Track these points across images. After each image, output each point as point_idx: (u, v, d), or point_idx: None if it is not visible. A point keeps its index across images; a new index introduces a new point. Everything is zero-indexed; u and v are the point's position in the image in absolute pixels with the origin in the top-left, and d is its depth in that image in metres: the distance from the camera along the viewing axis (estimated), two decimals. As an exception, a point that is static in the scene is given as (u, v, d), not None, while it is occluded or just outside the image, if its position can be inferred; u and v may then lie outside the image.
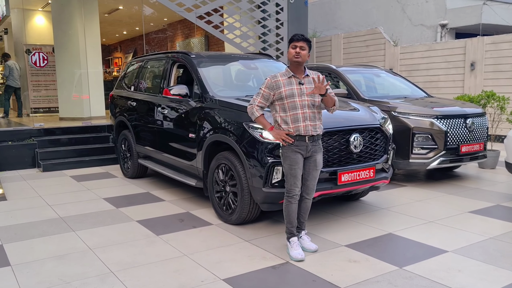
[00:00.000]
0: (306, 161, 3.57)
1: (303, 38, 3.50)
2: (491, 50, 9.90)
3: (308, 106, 3.49)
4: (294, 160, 3.50)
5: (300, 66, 3.55)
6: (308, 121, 3.47)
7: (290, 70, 3.55)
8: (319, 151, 3.60)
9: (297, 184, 3.54)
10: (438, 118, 5.80)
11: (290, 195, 3.56)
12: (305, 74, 3.57)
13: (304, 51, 3.49)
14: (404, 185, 6.01)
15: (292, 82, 3.52)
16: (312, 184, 3.63)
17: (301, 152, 3.51)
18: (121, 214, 4.83)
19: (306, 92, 3.49)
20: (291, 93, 3.48)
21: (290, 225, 3.64)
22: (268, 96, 3.53)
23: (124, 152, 6.75)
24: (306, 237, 3.76)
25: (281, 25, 10.24)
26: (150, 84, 6.36)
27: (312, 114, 3.50)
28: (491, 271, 3.29)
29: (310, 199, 3.69)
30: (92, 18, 10.60)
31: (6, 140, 7.62)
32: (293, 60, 3.51)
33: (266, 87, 3.53)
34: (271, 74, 3.64)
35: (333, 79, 7.02)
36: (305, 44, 3.50)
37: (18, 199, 5.54)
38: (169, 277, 3.23)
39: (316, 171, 3.61)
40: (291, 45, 3.52)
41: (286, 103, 3.48)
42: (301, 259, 3.51)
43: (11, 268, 3.43)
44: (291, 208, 3.59)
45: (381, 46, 12.09)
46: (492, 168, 6.98)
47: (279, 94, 3.49)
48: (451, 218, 4.56)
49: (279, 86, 3.49)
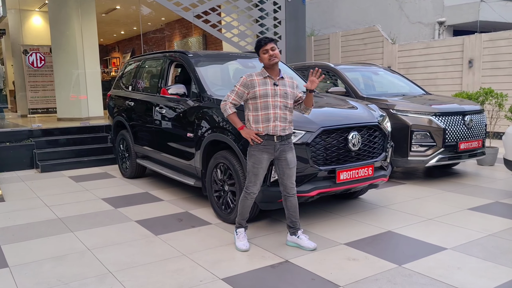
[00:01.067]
0: (278, 161, 3.63)
1: (269, 40, 3.59)
2: (489, 47, 9.90)
3: (280, 107, 3.56)
4: (258, 159, 3.58)
5: (276, 68, 3.63)
6: (278, 121, 3.55)
7: (266, 71, 3.62)
8: (289, 150, 3.64)
9: (256, 183, 3.63)
10: (436, 115, 5.80)
11: (247, 191, 3.67)
12: (280, 76, 3.64)
13: (276, 51, 3.59)
14: (403, 183, 6.01)
15: (267, 82, 3.58)
16: (290, 182, 3.66)
17: (269, 152, 3.58)
18: (119, 214, 4.81)
19: (280, 93, 3.57)
20: (265, 93, 3.54)
21: (241, 217, 3.78)
22: (242, 94, 3.60)
23: (122, 152, 6.74)
24: (304, 236, 3.76)
25: (279, 24, 10.23)
26: (148, 84, 6.35)
27: (283, 115, 3.57)
28: (491, 268, 3.29)
29: (293, 196, 3.70)
30: (89, 18, 10.58)
31: (4, 141, 7.60)
32: (270, 63, 3.57)
33: (241, 85, 3.60)
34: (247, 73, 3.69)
35: (331, 77, 7.02)
36: (274, 44, 3.60)
37: (16, 200, 5.53)
38: (168, 277, 3.22)
39: (289, 170, 3.63)
40: (262, 51, 3.59)
41: (259, 102, 3.55)
42: (245, 249, 3.66)
43: (9, 270, 3.42)
44: (246, 203, 3.71)
45: (379, 44, 12.08)
46: (491, 165, 6.98)
47: (253, 93, 3.56)
48: (450, 215, 4.56)
49: (254, 85, 3.56)
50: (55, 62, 10.54)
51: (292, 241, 3.77)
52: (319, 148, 4.01)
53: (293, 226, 3.76)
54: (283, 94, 3.59)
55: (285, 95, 3.59)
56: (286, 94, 3.60)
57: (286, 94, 3.60)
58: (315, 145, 3.99)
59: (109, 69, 20.68)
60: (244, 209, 3.75)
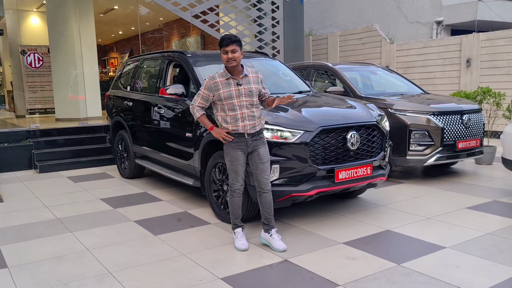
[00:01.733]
0: (250, 156, 3.66)
1: (232, 41, 3.52)
2: (487, 47, 9.92)
3: (246, 107, 3.58)
4: (234, 156, 3.62)
5: (237, 68, 3.60)
6: (246, 121, 3.57)
7: (228, 72, 3.60)
8: (261, 144, 3.66)
9: (238, 179, 3.66)
10: (434, 114, 5.81)
11: (232, 189, 3.70)
12: (243, 74, 3.62)
13: (236, 53, 3.54)
14: (402, 182, 6.02)
15: (230, 83, 3.58)
16: (263, 177, 3.66)
17: (242, 148, 3.61)
18: (118, 215, 4.81)
19: (244, 92, 3.57)
20: (229, 95, 3.56)
21: (234, 216, 3.78)
22: (207, 97, 3.63)
23: (121, 152, 6.74)
24: (276, 236, 3.71)
25: (277, 24, 10.24)
26: (146, 84, 6.34)
27: (250, 113, 3.59)
28: (489, 266, 3.30)
29: (268, 192, 3.70)
30: (87, 18, 10.56)
31: (2, 141, 7.58)
32: (228, 65, 3.57)
33: (205, 89, 3.62)
34: (210, 75, 3.67)
35: (329, 77, 7.03)
36: (235, 46, 3.52)
37: (15, 200, 5.52)
38: (167, 277, 3.23)
39: (262, 164, 3.64)
40: (222, 51, 3.55)
41: (225, 104, 3.57)
42: (245, 249, 3.67)
43: (8, 270, 3.42)
44: (234, 201, 3.74)
45: (377, 44, 12.10)
46: (489, 164, 7.00)
47: (218, 96, 3.58)
48: (448, 214, 4.57)
49: (218, 87, 3.57)
50: (53, 63, 10.52)
51: (265, 238, 3.75)
52: (317, 148, 4.02)
53: (267, 223, 3.74)
54: (248, 92, 3.58)
55: (250, 93, 3.59)
56: (251, 92, 3.59)
57: (251, 92, 3.59)
58: (313, 145, 3.99)
59: (107, 69, 20.66)
60: (234, 207, 3.76)
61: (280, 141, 3.95)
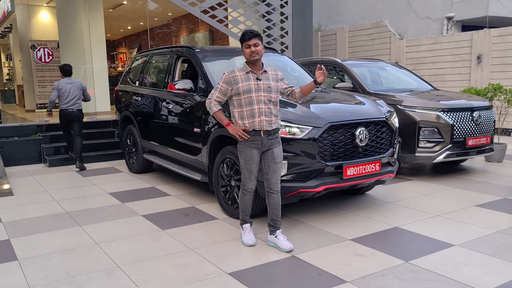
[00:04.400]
0: (264, 155, 3.61)
1: (254, 35, 3.53)
2: (498, 43, 9.80)
3: (264, 102, 3.53)
4: (249, 155, 3.57)
5: (259, 62, 3.59)
6: (263, 116, 3.52)
7: (248, 66, 3.59)
8: (276, 144, 3.62)
9: (251, 178, 3.63)
10: (444, 111, 5.76)
11: (244, 188, 3.68)
12: (263, 70, 3.61)
13: (259, 47, 3.53)
14: (410, 179, 5.99)
15: (249, 77, 3.55)
16: (274, 178, 3.63)
17: (257, 147, 3.56)
18: (126, 209, 4.84)
19: (263, 87, 3.54)
20: (248, 89, 3.51)
21: (244, 213, 3.78)
22: (226, 91, 3.58)
23: (129, 147, 6.77)
24: (282, 237, 3.67)
25: (286, 19, 10.19)
26: (155, 79, 6.36)
27: (268, 109, 3.54)
28: (498, 264, 3.27)
29: (276, 193, 3.66)
30: (96, 13, 10.60)
31: (12, 135, 7.66)
32: (250, 59, 3.54)
33: (224, 82, 3.58)
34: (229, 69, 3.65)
35: (338, 73, 6.99)
36: (257, 40, 3.53)
37: (25, 194, 5.57)
38: (174, 271, 3.24)
39: (275, 164, 3.61)
40: (244, 45, 3.54)
41: (243, 98, 3.53)
42: (252, 244, 3.68)
43: (18, 263, 3.46)
44: (245, 199, 3.72)
45: (386, 40, 12.01)
46: (499, 161, 6.93)
47: (236, 90, 3.53)
48: (457, 211, 4.53)
49: (237, 81, 3.53)
50: (62, 57, 10.58)
51: (271, 240, 3.69)
52: (326, 144, 4.00)
53: (273, 224, 3.70)
54: (267, 88, 3.54)
55: (269, 89, 3.55)
56: (270, 88, 3.56)
57: (269, 88, 3.56)
58: (322, 141, 3.97)
59: (116, 64, 20.74)
60: (244, 205, 3.74)
61: (289, 136, 3.94)
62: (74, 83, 7.06)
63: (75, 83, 7.09)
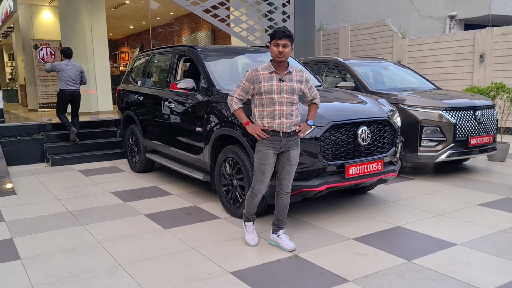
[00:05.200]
0: (280, 155, 3.54)
1: (285, 35, 3.40)
2: (501, 42, 9.77)
3: (286, 104, 3.44)
4: (265, 155, 3.48)
5: (284, 63, 3.50)
6: (284, 118, 3.45)
7: (272, 66, 3.49)
8: (294, 146, 3.55)
9: (263, 182, 3.53)
10: (447, 110, 5.75)
11: (254, 191, 3.58)
12: (287, 71, 3.50)
13: (287, 49, 3.41)
14: (413, 178, 5.98)
15: (272, 77, 3.45)
16: (287, 179, 3.58)
17: (275, 147, 3.48)
18: (129, 208, 4.85)
19: (286, 89, 3.44)
20: (270, 89, 3.43)
21: (248, 213, 3.75)
22: (248, 89, 3.50)
23: (131, 147, 6.78)
24: (284, 236, 3.67)
25: (288, 18, 10.18)
26: (157, 78, 6.36)
27: (289, 111, 3.46)
28: (501, 264, 3.26)
29: (287, 194, 3.62)
30: (98, 12, 10.62)
31: (15, 135, 7.68)
32: (276, 59, 3.45)
33: (246, 80, 3.50)
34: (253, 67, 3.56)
35: (340, 72, 6.98)
36: (288, 41, 3.41)
37: (27, 193, 5.59)
38: (176, 270, 3.24)
39: (290, 166, 3.55)
40: (273, 43, 3.42)
41: (265, 98, 3.44)
42: (254, 244, 3.67)
43: (21, 262, 3.47)
44: (253, 202, 3.66)
45: (388, 39, 11.98)
46: (502, 160, 6.91)
47: (258, 89, 3.45)
48: (460, 211, 4.52)
49: (260, 80, 3.45)
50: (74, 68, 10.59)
51: (273, 240, 3.69)
52: (328, 143, 4.00)
53: (277, 224, 3.69)
54: (290, 90, 3.44)
55: (292, 91, 3.45)
56: (293, 90, 3.46)
57: (292, 90, 3.45)
58: (324, 140, 3.97)
59: (118, 63, 20.77)
60: (251, 207, 3.69)
61: (291, 136, 3.92)
62: (73, 66, 7.72)
63: (74, 65, 7.74)
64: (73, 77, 7.63)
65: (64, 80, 7.61)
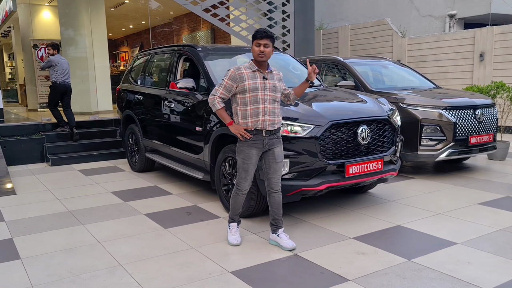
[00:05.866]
0: (265, 154, 3.59)
1: (266, 35, 3.48)
2: (501, 40, 9.76)
3: (269, 101, 3.52)
4: (248, 155, 3.54)
5: (265, 63, 3.57)
6: (267, 115, 3.50)
7: (255, 65, 3.56)
8: (277, 144, 3.60)
9: (247, 179, 3.60)
10: (447, 109, 5.75)
11: (238, 188, 3.65)
12: (268, 69, 3.59)
13: (268, 49, 3.49)
14: (413, 177, 5.97)
15: (256, 76, 3.52)
16: (275, 177, 3.61)
17: (258, 146, 3.54)
18: (129, 208, 4.85)
19: (269, 87, 3.52)
20: (255, 87, 3.49)
21: (233, 213, 3.77)
22: (230, 88, 3.53)
23: (131, 146, 6.78)
24: (284, 235, 3.67)
25: (287, 17, 10.18)
26: (157, 78, 6.36)
27: (272, 109, 3.53)
28: (501, 263, 3.26)
29: (278, 192, 3.65)
30: (98, 12, 10.61)
31: (15, 134, 7.68)
32: (257, 59, 3.51)
33: (229, 79, 3.53)
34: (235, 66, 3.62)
35: (340, 71, 6.98)
36: (269, 41, 3.49)
37: (27, 193, 5.59)
38: (177, 270, 3.24)
39: (276, 164, 3.59)
40: (255, 43, 3.50)
41: (248, 96, 3.49)
42: (237, 244, 3.67)
43: (21, 261, 3.47)
44: (238, 199, 3.70)
45: (388, 38, 11.97)
46: (502, 159, 6.91)
47: (242, 87, 3.49)
48: (460, 210, 4.52)
49: (243, 78, 3.49)
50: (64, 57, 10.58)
51: (274, 239, 3.70)
52: (328, 142, 4.00)
53: (275, 223, 3.70)
54: (272, 87, 3.53)
55: (274, 88, 3.55)
56: (275, 88, 3.55)
57: (275, 88, 3.55)
58: (324, 139, 3.97)
59: (118, 63, 20.75)
60: (236, 205, 3.72)
61: (290, 135, 3.93)
62: (64, 59, 8.03)
63: (64, 59, 8.05)
64: (67, 70, 7.87)
65: (61, 73, 7.76)
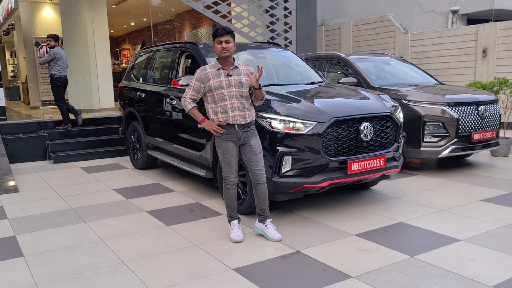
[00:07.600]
0: (243, 148, 3.69)
1: (226, 32, 3.60)
2: (504, 36, 9.71)
3: (236, 97, 3.61)
4: (226, 148, 3.65)
5: (229, 59, 3.66)
6: (236, 111, 3.60)
7: (219, 63, 3.65)
8: (252, 136, 3.68)
9: (231, 171, 3.69)
10: (449, 105, 5.72)
11: (226, 181, 3.72)
12: (234, 65, 3.67)
13: (230, 44, 3.59)
14: (415, 174, 5.96)
15: (220, 74, 3.62)
16: (257, 169, 3.68)
17: (233, 140, 3.64)
18: (131, 205, 4.85)
19: (234, 83, 3.60)
20: (220, 85, 3.59)
21: (230, 209, 3.80)
22: (199, 88, 3.67)
23: (133, 143, 6.78)
24: (271, 226, 3.75)
25: (289, 14, 10.15)
26: (159, 75, 6.35)
27: (240, 104, 3.62)
28: (504, 259, 3.25)
29: (263, 183, 3.71)
30: (100, 9, 10.60)
31: (17, 132, 7.69)
32: (221, 55, 3.61)
33: (196, 80, 3.67)
34: (202, 67, 3.72)
35: (342, 68, 6.96)
36: (229, 37, 3.60)
37: (30, 190, 5.60)
38: (179, 267, 3.25)
39: (255, 155, 3.66)
40: (216, 41, 3.60)
41: (216, 94, 3.60)
42: (239, 240, 3.69)
43: (24, 259, 3.48)
44: (229, 193, 3.74)
45: (391, 34, 11.92)
46: (505, 156, 6.88)
47: (208, 86, 3.62)
48: (463, 206, 4.51)
49: (209, 78, 3.62)
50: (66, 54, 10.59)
51: (260, 228, 3.78)
52: (330, 139, 3.99)
53: (262, 213, 3.77)
54: (238, 83, 3.61)
55: (240, 84, 3.62)
56: (241, 84, 3.62)
57: (241, 84, 3.62)
58: (326, 136, 3.96)
59: (119, 60, 20.75)
60: (229, 199, 3.77)
61: (293, 132, 3.92)
62: (63, 51, 8.02)
63: (63, 51, 8.03)
64: (67, 63, 7.95)
65: (63, 66, 7.82)
